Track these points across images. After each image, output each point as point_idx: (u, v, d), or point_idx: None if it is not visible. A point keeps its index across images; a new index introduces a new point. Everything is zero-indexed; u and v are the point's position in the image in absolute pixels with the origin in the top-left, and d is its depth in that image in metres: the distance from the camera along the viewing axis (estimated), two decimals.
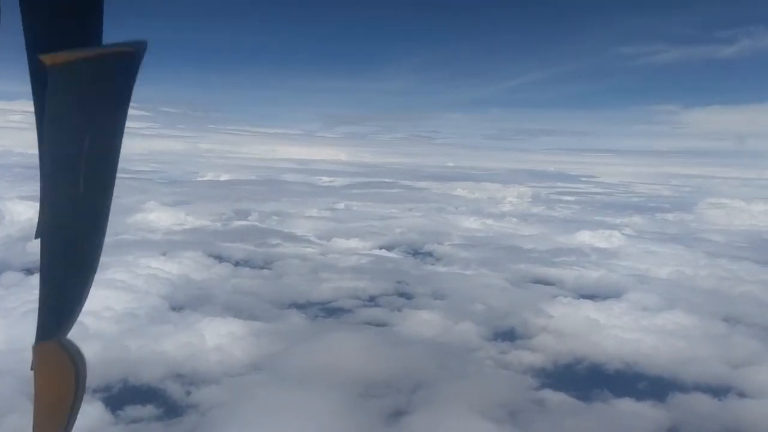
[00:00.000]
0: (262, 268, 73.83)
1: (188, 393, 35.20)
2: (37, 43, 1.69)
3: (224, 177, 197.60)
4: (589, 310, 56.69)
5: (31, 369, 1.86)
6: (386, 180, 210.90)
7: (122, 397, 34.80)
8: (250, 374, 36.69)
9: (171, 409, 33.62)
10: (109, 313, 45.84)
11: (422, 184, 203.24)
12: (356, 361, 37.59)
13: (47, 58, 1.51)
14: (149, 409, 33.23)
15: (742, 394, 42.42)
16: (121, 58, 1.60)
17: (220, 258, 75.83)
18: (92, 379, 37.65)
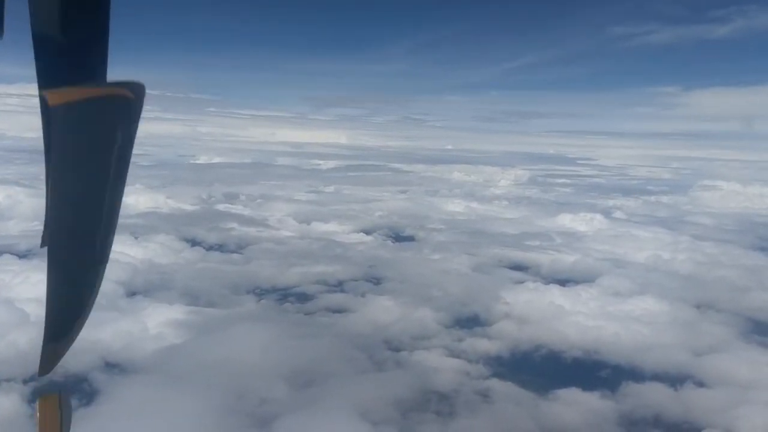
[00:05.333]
0: (233, 252, 72.65)
1: (114, 383, 33.99)
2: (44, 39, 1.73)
3: (217, 160, 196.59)
4: (555, 295, 55.15)
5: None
6: (377, 163, 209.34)
7: (47, 388, 33.58)
8: (154, 369, 35.32)
9: (92, 401, 32.34)
10: None
11: (417, 167, 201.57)
12: (277, 353, 36.25)
13: (50, 97, 1.59)
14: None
15: (700, 384, 40.96)
16: (121, 101, 1.66)
17: (193, 242, 74.62)
18: (21, 368, 36.55)
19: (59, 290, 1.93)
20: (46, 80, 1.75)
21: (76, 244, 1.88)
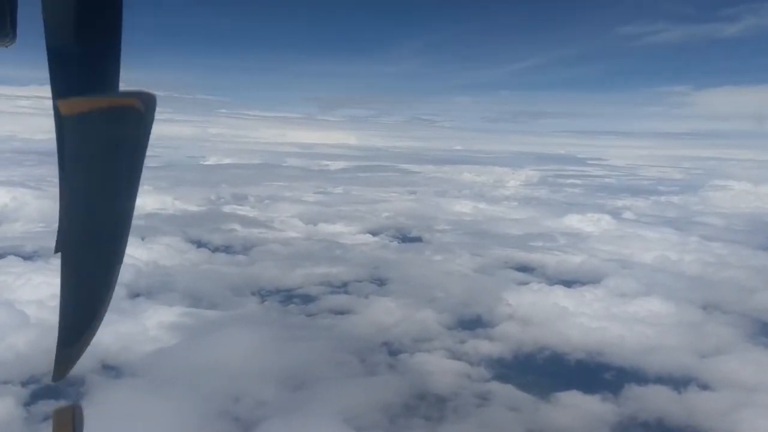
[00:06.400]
0: (239, 253, 72.56)
1: (106, 386, 33.89)
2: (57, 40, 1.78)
3: (227, 161, 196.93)
4: (559, 297, 54.63)
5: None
6: (386, 164, 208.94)
7: (44, 391, 33.59)
8: (146, 371, 35.15)
9: (87, 404, 32.25)
10: (56, 301, 44.48)
11: (426, 168, 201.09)
12: (275, 355, 36.02)
13: (62, 107, 1.63)
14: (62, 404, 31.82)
15: (704, 386, 40.36)
16: (132, 112, 1.69)
17: (198, 243, 74.53)
18: (19, 371, 36.56)
19: (73, 294, 1.90)
20: (59, 89, 1.80)
21: (90, 249, 1.89)
